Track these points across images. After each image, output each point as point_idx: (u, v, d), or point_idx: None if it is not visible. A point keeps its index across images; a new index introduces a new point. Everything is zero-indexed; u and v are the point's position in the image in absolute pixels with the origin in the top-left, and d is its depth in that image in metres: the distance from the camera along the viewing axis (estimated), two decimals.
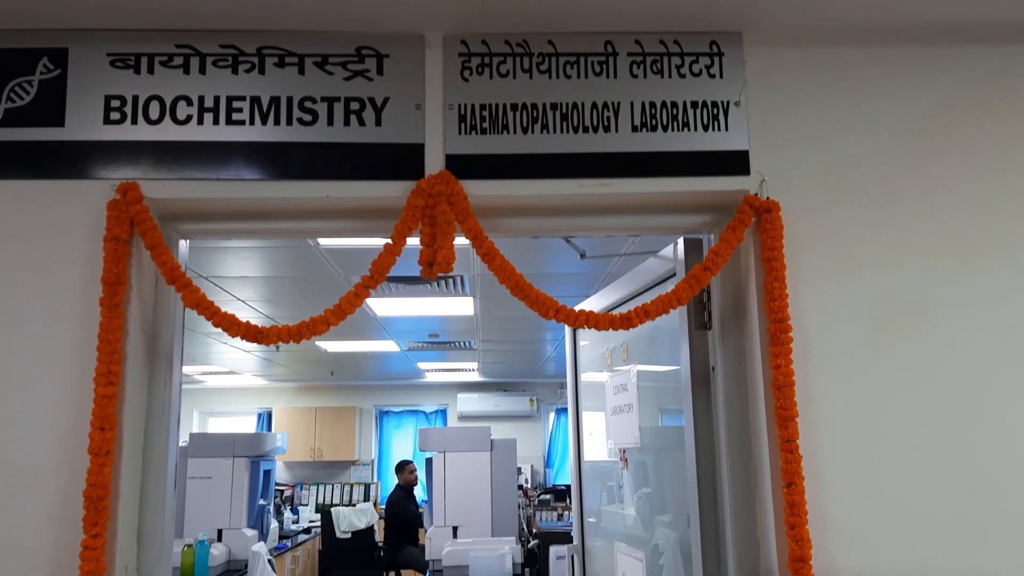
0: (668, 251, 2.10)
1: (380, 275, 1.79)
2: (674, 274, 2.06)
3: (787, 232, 1.80)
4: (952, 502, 1.72)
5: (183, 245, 1.97)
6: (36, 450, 1.71)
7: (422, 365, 8.68)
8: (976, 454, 1.75)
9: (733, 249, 1.80)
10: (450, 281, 4.39)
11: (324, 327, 1.77)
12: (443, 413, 10.75)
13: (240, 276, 4.10)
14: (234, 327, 1.74)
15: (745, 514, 1.79)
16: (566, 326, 3.16)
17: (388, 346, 6.94)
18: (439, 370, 9.31)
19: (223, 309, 1.78)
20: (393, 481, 8.71)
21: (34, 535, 1.67)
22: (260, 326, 1.76)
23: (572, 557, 3.06)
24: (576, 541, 3.05)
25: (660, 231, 1.97)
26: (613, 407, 2.62)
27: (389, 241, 1.78)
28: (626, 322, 1.77)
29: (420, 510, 8.41)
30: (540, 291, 1.80)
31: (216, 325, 1.75)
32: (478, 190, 1.82)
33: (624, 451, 2.56)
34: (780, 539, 1.69)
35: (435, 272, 1.81)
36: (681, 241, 2.01)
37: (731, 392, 1.86)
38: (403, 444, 10.78)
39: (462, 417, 10.29)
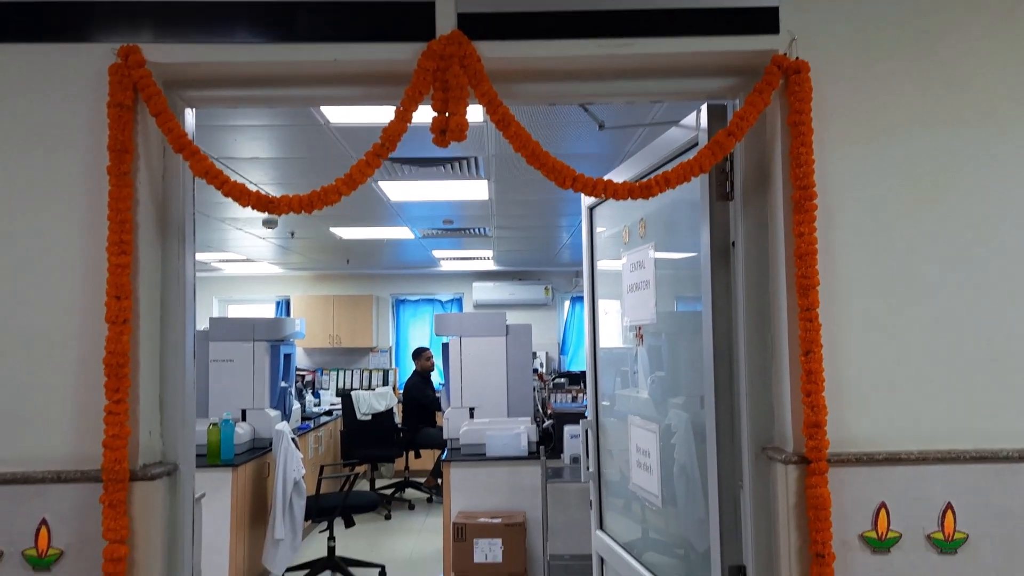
0: (691, 119, 2.02)
1: (391, 143, 1.74)
2: (696, 143, 1.99)
3: (815, 95, 1.72)
4: (969, 371, 1.71)
5: (189, 114, 1.92)
6: (55, 318, 1.72)
7: (437, 253, 8.69)
8: (998, 324, 1.72)
9: (759, 113, 1.72)
10: (464, 163, 4.31)
11: (335, 197, 1.74)
12: (459, 302, 10.84)
13: (251, 158, 4.04)
14: (244, 196, 1.71)
15: (761, 384, 1.79)
16: (583, 207, 3.12)
17: (402, 233, 6.92)
18: (454, 258, 9.32)
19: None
20: (410, 367, 8.89)
21: (59, 401, 1.70)
22: (270, 195, 1.72)
23: (587, 431, 3.12)
24: (590, 416, 3.10)
25: (682, 96, 1.89)
26: (630, 285, 2.60)
27: (400, 107, 1.72)
28: (645, 191, 1.73)
29: (437, 395, 8.62)
30: (557, 159, 1.74)
31: (226, 195, 1.72)
32: (492, 51, 1.74)
33: (640, 328, 2.56)
34: (795, 407, 1.69)
35: (448, 140, 1.76)
36: (704, 108, 1.93)
37: (751, 263, 1.83)
38: (419, 332, 10.95)
39: (477, 305, 10.38)
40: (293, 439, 5.62)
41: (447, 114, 1.73)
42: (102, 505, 1.64)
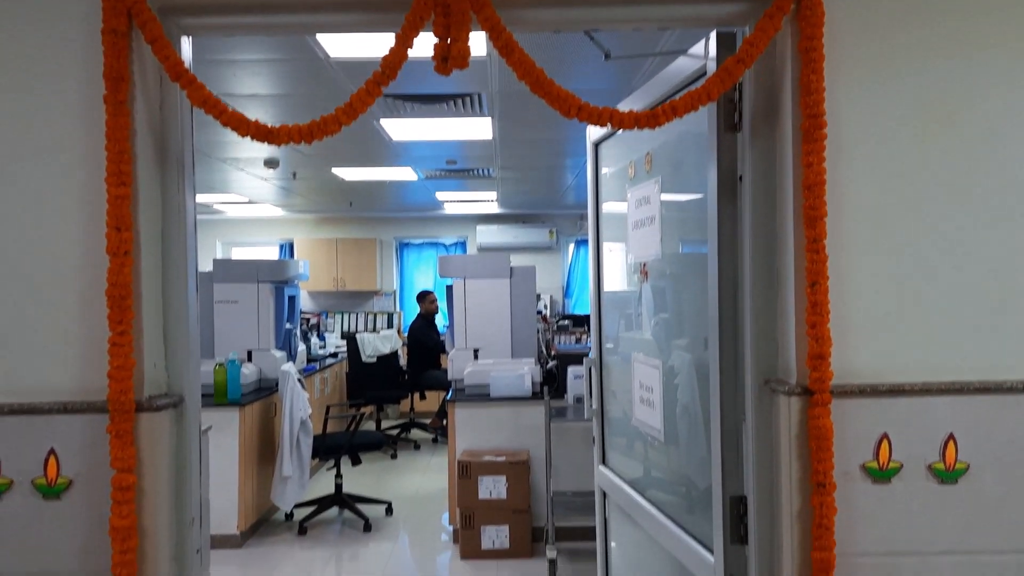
0: (699, 48, 1.97)
1: (392, 71, 1.70)
2: (705, 72, 1.94)
3: (827, 21, 1.67)
4: (975, 303, 1.70)
5: (186, 43, 1.87)
6: (57, 252, 1.71)
7: (440, 196, 8.64)
8: (1006, 257, 1.71)
9: (769, 40, 1.68)
10: (467, 100, 4.24)
11: (335, 127, 1.71)
12: (462, 245, 10.82)
13: (250, 95, 3.98)
14: (243, 126, 1.68)
15: (765, 316, 1.78)
16: (588, 143, 3.08)
17: (405, 174, 6.86)
18: (458, 201, 9.27)
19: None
20: (415, 310, 8.92)
21: (64, 333, 1.71)
22: (270, 125, 1.70)
23: (590, 369, 3.13)
24: (594, 355, 3.11)
25: (691, 23, 1.84)
26: (635, 221, 2.58)
27: (400, 33, 1.68)
28: (652, 120, 1.69)
29: (441, 337, 8.67)
30: (561, 88, 1.70)
31: (225, 124, 1.69)
32: None
33: (645, 265, 2.54)
34: (800, 339, 1.68)
35: (450, 67, 1.72)
36: (713, 35, 1.88)
37: (758, 196, 1.80)
38: (423, 276, 10.95)
39: (481, 249, 10.36)
40: (299, 379, 5.67)
41: (449, 40, 1.69)
42: (109, 435, 1.66)
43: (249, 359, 5.84)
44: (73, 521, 1.68)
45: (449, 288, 6.17)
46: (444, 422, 7.77)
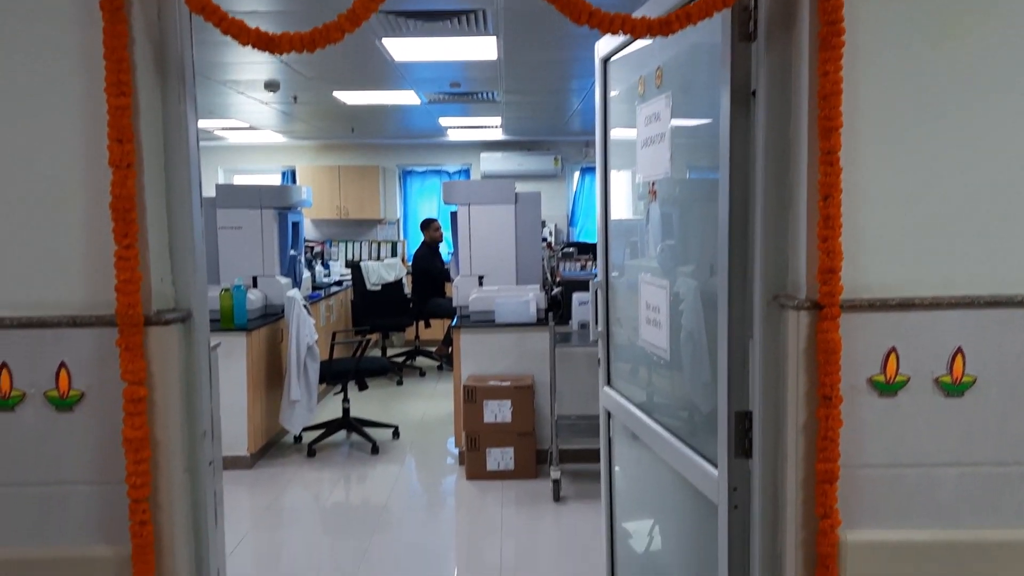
0: None
1: None
2: None
3: None
4: (990, 217, 1.68)
5: None
6: (59, 165, 1.69)
7: (444, 121, 8.51)
8: (1022, 172, 1.67)
9: None
10: (471, 17, 4.12)
11: (338, 35, 1.66)
12: (466, 173, 10.72)
13: (250, 11, 3.88)
14: (244, 33, 1.64)
15: (776, 231, 1.75)
16: (596, 60, 3.00)
17: (408, 98, 6.74)
18: (462, 127, 9.13)
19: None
20: (419, 239, 8.91)
21: (70, 247, 1.70)
22: (271, 33, 1.65)
23: (596, 292, 3.13)
24: (600, 278, 3.10)
25: None
26: (644, 139, 2.53)
27: None
28: (665, 27, 1.64)
29: (446, 266, 8.67)
30: None
31: (225, 32, 1.64)
32: None
33: (653, 184, 2.51)
34: (811, 253, 1.67)
35: None
36: None
37: (772, 108, 1.76)
38: (427, 204, 10.89)
39: (485, 176, 10.26)
40: (305, 305, 5.69)
41: None
42: (119, 349, 1.67)
43: (254, 285, 5.86)
44: (86, 433, 1.71)
45: (453, 215, 6.13)
46: (449, 350, 7.83)
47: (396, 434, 6.21)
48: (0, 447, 1.70)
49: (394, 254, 10.49)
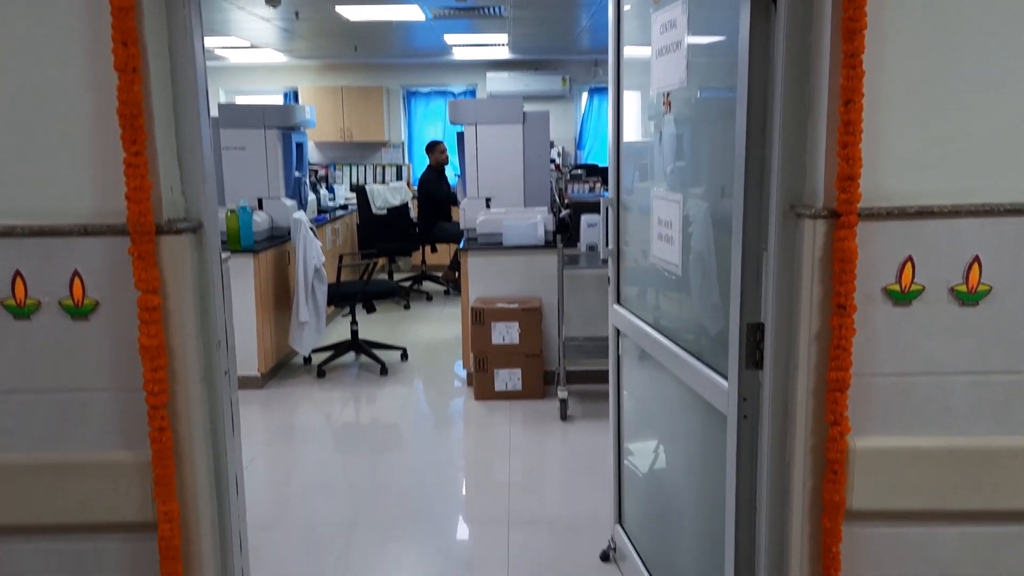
0: None
1: None
2: None
3: None
4: (1011, 127, 1.64)
5: None
6: (65, 71, 1.65)
7: (449, 39, 8.30)
8: None
9: None
10: None
11: None
12: (472, 93, 10.53)
13: None
14: None
15: (795, 139, 1.72)
16: None
17: (412, 13, 6.56)
18: (467, 45, 8.92)
19: None
20: (424, 163, 8.81)
21: (79, 155, 1.68)
22: None
23: (607, 209, 3.11)
24: (611, 195, 3.07)
25: None
26: (660, 48, 2.47)
27: None
28: None
29: (452, 189, 8.60)
30: None
31: None
32: None
33: (668, 95, 2.46)
34: (830, 160, 1.64)
35: None
36: None
37: (794, 9, 1.70)
38: (432, 128, 10.74)
39: (492, 97, 10.09)
40: (311, 227, 5.68)
41: None
42: (131, 257, 1.66)
43: (260, 207, 5.83)
44: (102, 341, 1.72)
45: (460, 135, 6.05)
46: (456, 274, 7.85)
47: (404, 356, 6.28)
48: (18, 355, 1.72)
49: (399, 178, 10.40)
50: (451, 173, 8.95)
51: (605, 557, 3.25)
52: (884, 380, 1.70)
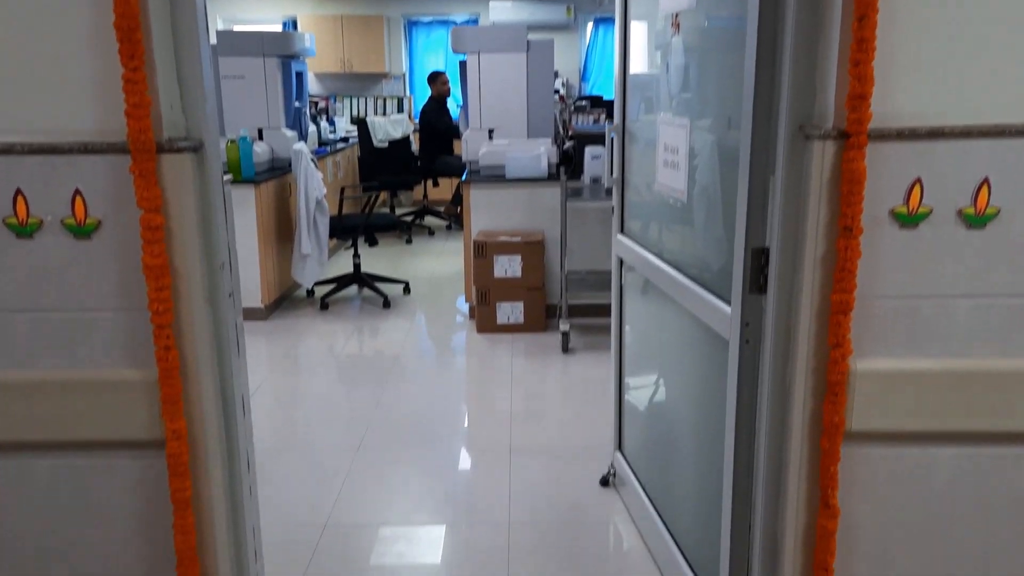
0: None
1: None
2: None
3: None
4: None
5: None
6: None
7: None
8: None
9: None
10: None
11: None
12: (474, 23, 10.30)
13: None
14: None
15: (806, 58, 1.68)
16: None
17: None
18: None
19: None
20: (425, 95, 8.68)
21: (77, 70, 1.64)
22: None
23: (612, 138, 3.07)
24: (617, 121, 3.03)
25: None
26: None
27: None
28: None
29: (454, 122, 8.50)
30: None
31: None
32: None
33: (677, 16, 2.40)
34: (841, 78, 1.61)
35: None
36: None
37: None
38: (434, 57, 10.55)
39: (495, 26, 9.88)
40: (312, 159, 5.63)
41: None
42: (133, 176, 1.65)
43: (260, 138, 5.77)
44: (106, 261, 1.72)
45: (462, 65, 5.94)
46: (458, 209, 7.81)
47: (407, 290, 6.30)
48: (23, 274, 1.72)
49: (400, 110, 10.27)
50: (453, 105, 8.82)
51: (605, 482, 3.31)
52: (887, 303, 1.70)
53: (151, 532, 1.86)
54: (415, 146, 8.64)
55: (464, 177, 5.50)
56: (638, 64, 2.90)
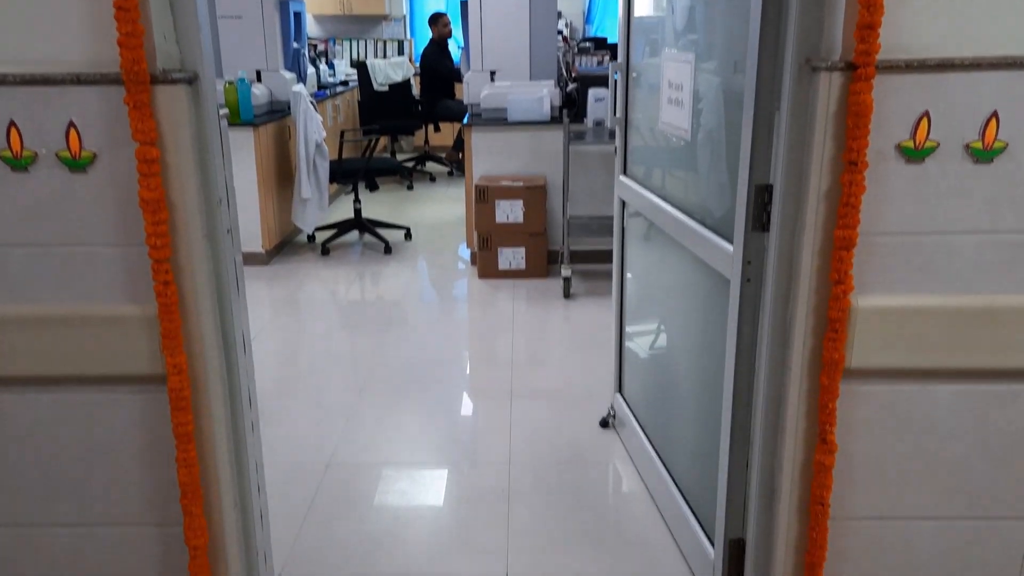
0: None
1: None
2: None
3: None
4: None
5: None
6: None
7: None
8: None
9: None
10: None
11: None
12: None
13: None
14: None
15: None
16: None
17: None
18: None
19: None
20: (426, 37, 8.53)
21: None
22: None
23: (616, 77, 3.02)
24: (621, 59, 2.98)
25: None
26: None
27: None
28: None
29: (455, 65, 8.36)
30: None
31: None
32: None
33: None
34: (850, 8, 1.56)
35: None
36: None
37: None
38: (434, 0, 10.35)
39: None
40: (311, 101, 5.56)
41: None
42: (127, 107, 1.62)
43: (258, 80, 5.69)
44: (102, 194, 1.70)
45: (463, 5, 5.82)
46: (460, 155, 7.73)
47: (408, 236, 6.28)
48: (19, 207, 1.70)
49: (400, 53, 10.11)
50: (455, 48, 8.68)
51: (604, 424, 3.34)
52: (891, 239, 1.68)
53: (155, 467, 1.88)
54: (416, 90, 8.52)
55: (465, 120, 5.43)
56: (643, 7, 2.83)
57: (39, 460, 1.88)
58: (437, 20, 8.26)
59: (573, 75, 5.82)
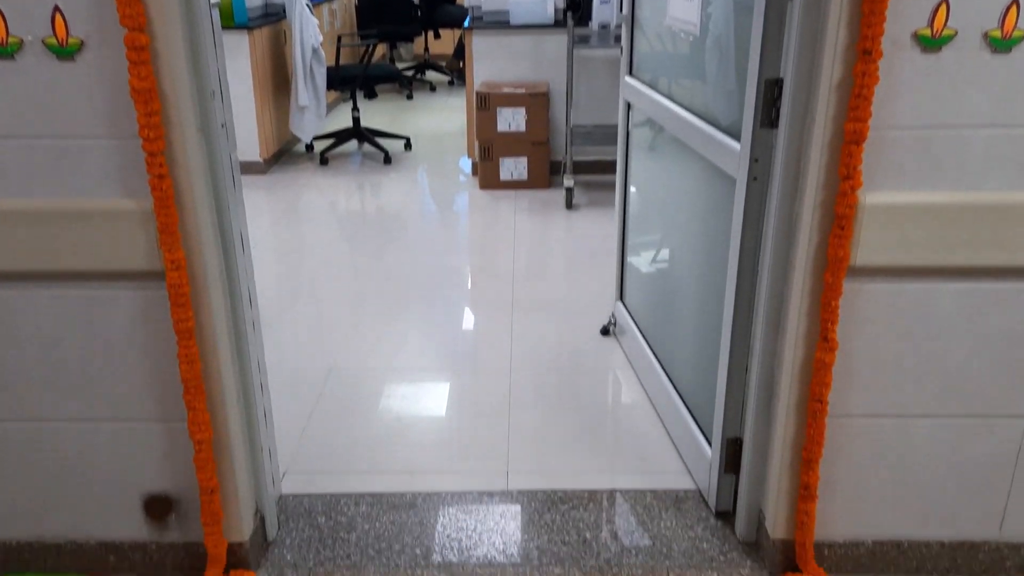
0: None
1: None
2: None
3: None
4: None
5: None
6: None
7: None
8: None
9: None
10: None
11: None
12: None
13: None
14: None
15: None
16: None
17: None
18: None
19: None
20: None
21: None
22: None
23: None
24: None
25: None
26: None
27: None
28: None
29: None
30: None
31: None
32: None
33: None
34: None
35: None
36: None
37: None
38: None
39: None
40: (307, 4, 5.38)
41: None
42: None
43: None
44: (91, 83, 1.65)
45: None
46: (460, 63, 7.55)
47: (408, 146, 6.19)
48: (7, 98, 1.66)
49: None
50: None
51: (605, 332, 3.36)
52: (901, 134, 1.64)
53: (159, 363, 1.89)
54: None
55: (467, 24, 5.28)
56: None
57: (45, 357, 1.89)
58: None
59: None
